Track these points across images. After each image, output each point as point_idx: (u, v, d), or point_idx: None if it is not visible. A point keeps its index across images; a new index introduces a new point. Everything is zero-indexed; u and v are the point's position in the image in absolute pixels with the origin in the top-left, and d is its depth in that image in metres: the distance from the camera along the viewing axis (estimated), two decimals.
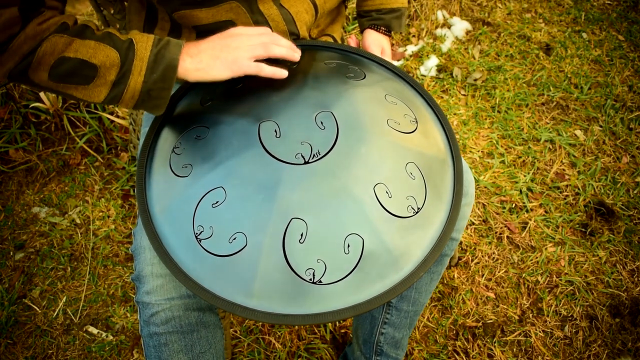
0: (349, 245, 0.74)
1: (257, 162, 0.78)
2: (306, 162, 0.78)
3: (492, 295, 1.55)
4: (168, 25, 1.01)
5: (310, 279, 0.72)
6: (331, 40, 1.14)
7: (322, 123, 0.82)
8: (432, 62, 2.26)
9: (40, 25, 0.75)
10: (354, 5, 2.38)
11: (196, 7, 0.93)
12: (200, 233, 0.75)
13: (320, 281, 0.72)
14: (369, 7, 1.20)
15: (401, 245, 0.76)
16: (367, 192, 0.77)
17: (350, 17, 2.39)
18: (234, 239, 0.74)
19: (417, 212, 0.78)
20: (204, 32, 0.97)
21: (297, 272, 0.72)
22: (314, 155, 0.79)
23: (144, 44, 0.80)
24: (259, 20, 0.96)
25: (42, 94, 1.83)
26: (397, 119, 0.86)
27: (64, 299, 1.56)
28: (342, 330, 1.48)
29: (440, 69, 2.24)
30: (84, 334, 1.49)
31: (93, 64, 0.78)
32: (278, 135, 0.81)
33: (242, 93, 0.89)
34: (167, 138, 0.88)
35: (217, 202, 0.76)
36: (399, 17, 1.20)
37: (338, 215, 0.75)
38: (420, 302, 1.12)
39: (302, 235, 0.73)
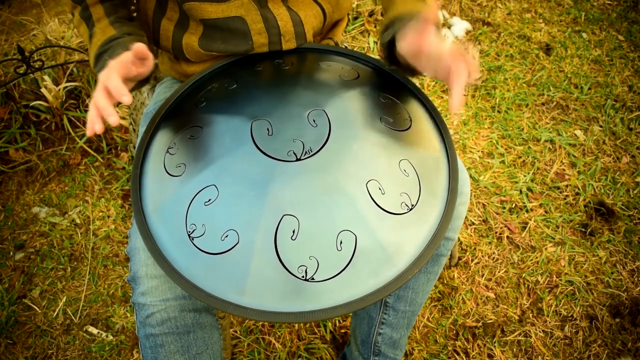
0: (341, 242, 0.73)
1: (249, 160, 0.78)
2: (298, 159, 0.78)
3: (492, 295, 1.55)
4: (176, 16, 1.01)
5: (303, 276, 0.72)
6: (332, 43, 1.15)
7: (314, 121, 0.82)
8: None
9: None
10: (354, 5, 2.39)
11: (206, 0, 0.94)
12: (193, 231, 0.75)
13: (313, 278, 0.72)
14: (400, 11, 0.91)
15: (395, 241, 0.76)
16: (360, 188, 0.77)
17: (350, 17, 2.39)
18: (226, 236, 0.74)
19: (411, 209, 0.78)
20: (211, 26, 0.97)
21: (289, 269, 0.72)
22: (305, 152, 0.79)
23: (97, 41, 0.92)
24: (268, 17, 0.96)
25: (43, 90, 1.84)
26: (391, 117, 0.86)
27: (64, 299, 1.56)
28: (342, 330, 1.48)
29: None
30: (84, 334, 1.49)
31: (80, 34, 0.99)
32: (270, 133, 0.81)
33: (236, 93, 0.90)
34: (162, 139, 0.89)
35: (209, 200, 0.77)
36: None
37: (330, 212, 0.75)
38: (417, 302, 1.11)
39: (294, 232, 0.73)
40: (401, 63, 0.92)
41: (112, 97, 0.76)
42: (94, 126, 0.75)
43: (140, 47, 0.78)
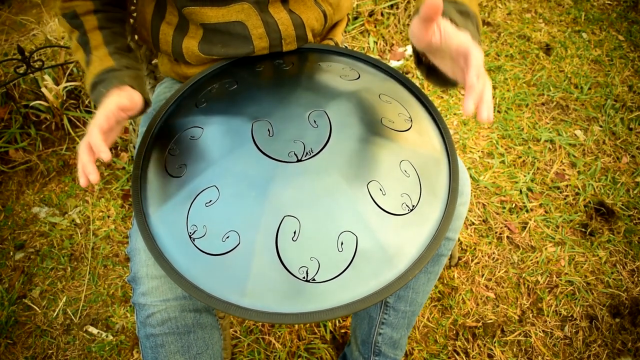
0: (342, 243, 0.73)
1: (250, 161, 0.78)
2: (299, 160, 0.78)
3: (492, 295, 1.55)
4: (176, 20, 1.01)
5: (304, 277, 0.72)
6: (332, 43, 1.15)
7: (315, 122, 0.82)
8: None
9: (65, 2, 0.95)
10: (354, 5, 2.39)
11: (206, 4, 0.93)
12: (194, 232, 0.75)
13: (314, 279, 0.72)
14: None
15: (396, 242, 0.76)
16: (361, 189, 0.77)
17: (350, 17, 2.39)
18: (227, 237, 0.74)
19: (411, 210, 0.78)
20: (211, 30, 0.97)
21: (291, 270, 0.72)
22: (306, 153, 0.79)
23: (94, 69, 0.91)
24: (269, 22, 0.96)
25: (44, 90, 1.84)
26: (391, 118, 0.86)
27: (64, 299, 1.56)
28: (342, 330, 1.48)
29: None
30: (84, 334, 1.49)
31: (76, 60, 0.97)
32: (271, 134, 0.81)
33: (237, 94, 0.89)
34: (163, 139, 0.89)
35: (210, 200, 0.77)
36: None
37: (331, 213, 0.75)
38: (417, 302, 1.11)
39: (295, 233, 0.73)
40: (432, 67, 0.79)
41: (93, 152, 0.77)
42: (87, 177, 0.76)
43: (121, 104, 0.81)
